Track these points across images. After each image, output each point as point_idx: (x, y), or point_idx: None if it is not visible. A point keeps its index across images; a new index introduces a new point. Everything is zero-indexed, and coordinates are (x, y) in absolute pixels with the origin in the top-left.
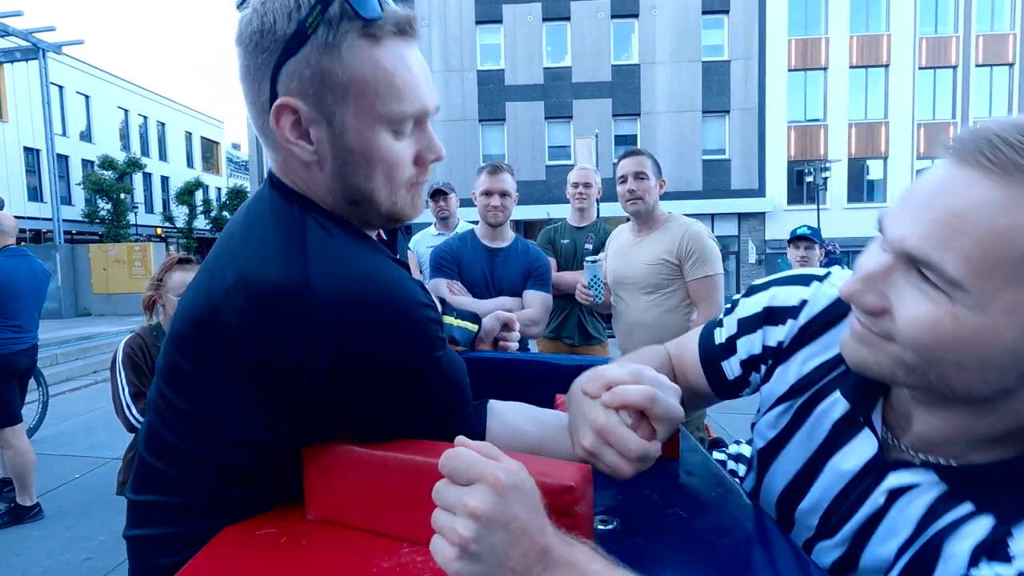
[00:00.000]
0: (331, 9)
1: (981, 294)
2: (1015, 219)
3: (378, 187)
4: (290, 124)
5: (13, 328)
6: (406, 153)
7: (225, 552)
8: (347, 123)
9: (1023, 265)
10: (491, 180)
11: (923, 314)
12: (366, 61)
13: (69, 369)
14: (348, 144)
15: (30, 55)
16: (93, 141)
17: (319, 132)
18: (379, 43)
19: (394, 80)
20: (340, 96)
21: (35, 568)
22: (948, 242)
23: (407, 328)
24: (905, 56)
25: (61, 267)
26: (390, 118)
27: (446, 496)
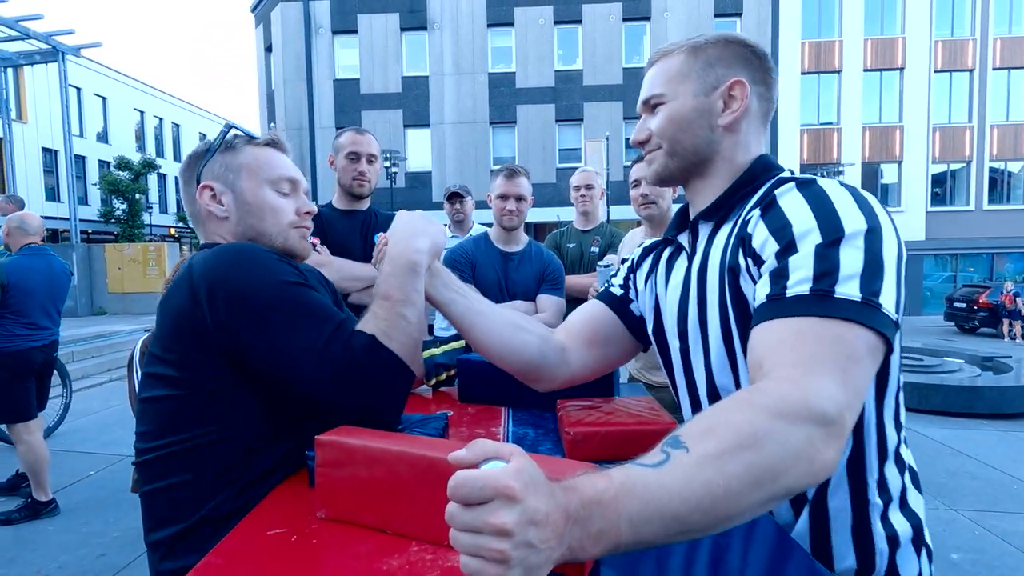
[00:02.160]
0: (227, 134)
1: (671, 93)
2: (669, 66)
3: (268, 226)
4: (209, 196)
5: (27, 325)
6: (288, 205)
7: (237, 551)
8: (244, 187)
9: (675, 78)
10: (508, 184)
11: (659, 118)
12: (250, 153)
13: (85, 367)
14: (246, 200)
15: (49, 58)
16: (109, 142)
17: (227, 198)
18: (258, 147)
19: (270, 161)
20: (237, 172)
21: (51, 563)
22: (653, 86)
23: (255, 262)
24: (921, 59)
25: (77, 266)
26: (271, 180)
27: (465, 519)
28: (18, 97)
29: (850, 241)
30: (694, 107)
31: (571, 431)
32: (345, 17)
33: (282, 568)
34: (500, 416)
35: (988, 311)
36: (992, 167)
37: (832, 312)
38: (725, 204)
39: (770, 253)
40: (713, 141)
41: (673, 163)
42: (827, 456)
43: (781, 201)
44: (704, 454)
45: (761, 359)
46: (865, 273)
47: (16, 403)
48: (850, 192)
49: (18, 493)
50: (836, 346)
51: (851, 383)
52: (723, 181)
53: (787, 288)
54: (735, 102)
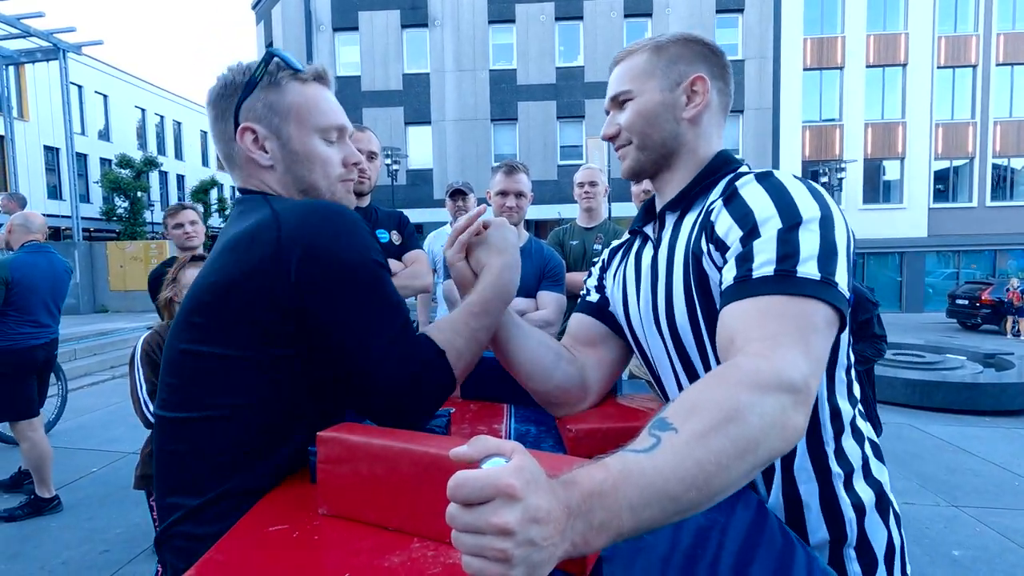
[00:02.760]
0: (270, 65)
1: (638, 90)
2: (634, 64)
3: (318, 179)
4: (251, 141)
5: (30, 323)
6: (335, 155)
7: (238, 548)
8: (291, 134)
9: (640, 75)
10: (507, 180)
11: (627, 114)
12: (298, 93)
13: (87, 364)
14: (294, 148)
15: (51, 55)
16: (111, 140)
17: (272, 144)
18: (305, 84)
19: (319, 104)
20: (284, 116)
21: (54, 559)
22: (620, 83)
23: (354, 233)
24: (923, 55)
25: (79, 264)
26: (320, 128)
27: (466, 520)
28: (19, 95)
29: (807, 226)
30: (660, 102)
31: (572, 428)
32: (346, 14)
33: (284, 564)
34: (502, 413)
35: (991, 308)
36: (995, 163)
37: (795, 290)
38: (689, 194)
39: (734, 239)
40: (679, 134)
41: (644, 156)
42: (797, 421)
43: (743, 191)
44: (692, 432)
45: (732, 336)
46: (821, 254)
47: (20, 401)
48: (803, 183)
49: (21, 490)
50: (799, 320)
51: (813, 353)
52: (687, 173)
53: (753, 270)
54: (697, 96)
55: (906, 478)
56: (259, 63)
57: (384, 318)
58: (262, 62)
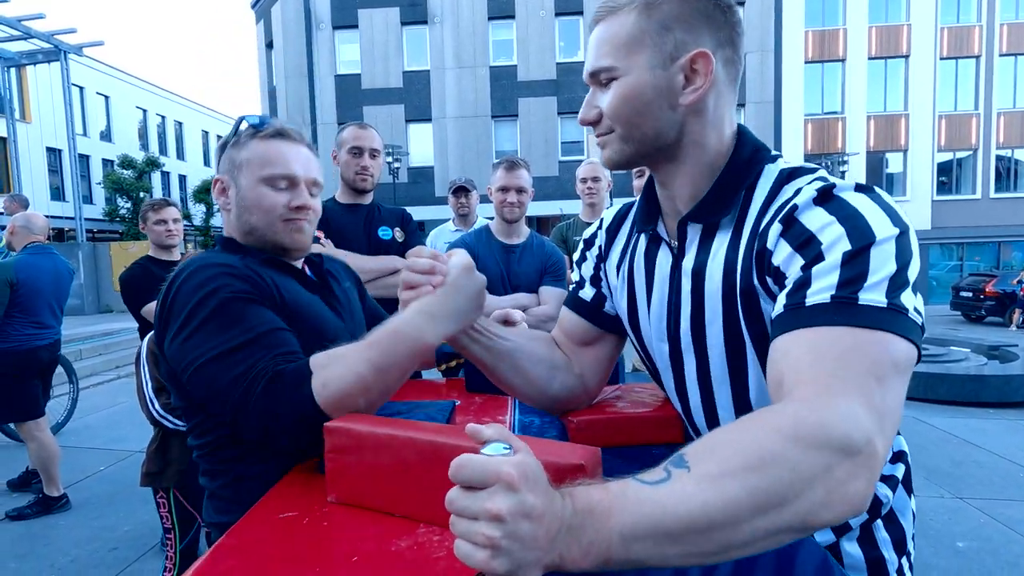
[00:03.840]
0: (239, 127)
1: (623, 66)
2: (617, 28)
3: (257, 221)
4: (219, 189)
5: (34, 324)
6: (279, 199)
7: (250, 534)
8: (243, 183)
9: (626, 45)
10: (508, 176)
11: (610, 96)
12: (253, 149)
13: (93, 364)
14: (243, 195)
15: (52, 57)
16: (113, 141)
17: (231, 191)
18: (263, 140)
19: (269, 157)
20: (239, 169)
21: (63, 557)
22: (600, 54)
23: (202, 273)
24: (926, 46)
25: (83, 265)
26: (265, 177)
27: (463, 504)
28: (21, 97)
29: (880, 246)
30: (651, 83)
31: (575, 419)
32: (345, 12)
33: (294, 549)
34: (506, 405)
35: (995, 300)
36: (999, 155)
37: (855, 320)
38: (716, 203)
39: (795, 267)
40: (677, 123)
41: (630, 148)
42: (852, 488)
43: (802, 218)
44: (704, 474)
45: (780, 376)
46: (893, 277)
47: (25, 402)
48: (871, 198)
49: (29, 489)
50: (861, 360)
51: (881, 402)
52: (699, 168)
53: (807, 296)
54: (698, 77)
55: None
56: (233, 128)
57: (223, 338)
58: (234, 126)
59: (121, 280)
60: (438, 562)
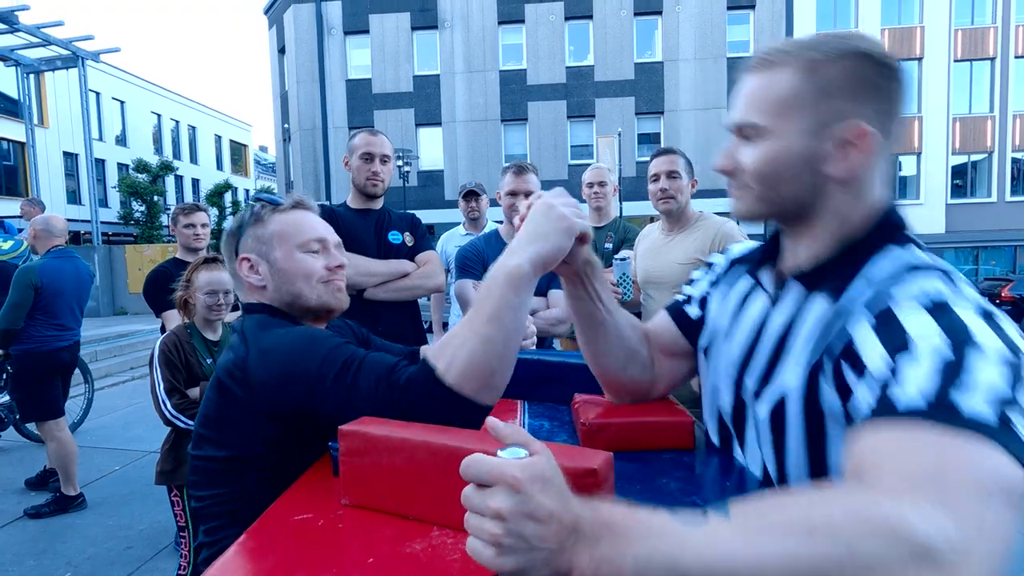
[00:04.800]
0: (255, 207)
1: (774, 127)
2: (772, 85)
3: (301, 287)
4: (247, 268)
5: (56, 326)
6: (317, 263)
7: (266, 535)
8: (277, 256)
9: (779, 105)
10: (517, 181)
11: (753, 155)
12: (279, 222)
13: (108, 366)
14: (280, 267)
15: (70, 63)
16: (128, 145)
17: (263, 267)
18: (285, 212)
19: (298, 226)
20: (269, 243)
21: (80, 555)
22: (749, 108)
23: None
24: (940, 48)
25: (99, 267)
26: (299, 244)
27: (472, 500)
28: (40, 102)
29: (982, 353)
30: (800, 152)
31: (587, 422)
32: (357, 17)
33: (310, 550)
34: (516, 408)
35: (1011, 304)
36: (1015, 158)
37: (957, 425)
38: (832, 273)
39: (878, 359)
40: (820, 190)
41: (764, 208)
42: None
43: (901, 314)
44: (742, 527)
45: (861, 468)
46: (1003, 395)
47: (46, 402)
48: (989, 324)
49: (47, 488)
50: (960, 472)
51: (977, 524)
52: (831, 235)
53: (899, 397)
54: (852, 151)
55: None
56: (247, 208)
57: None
58: (249, 207)
59: (148, 278)
60: (452, 564)
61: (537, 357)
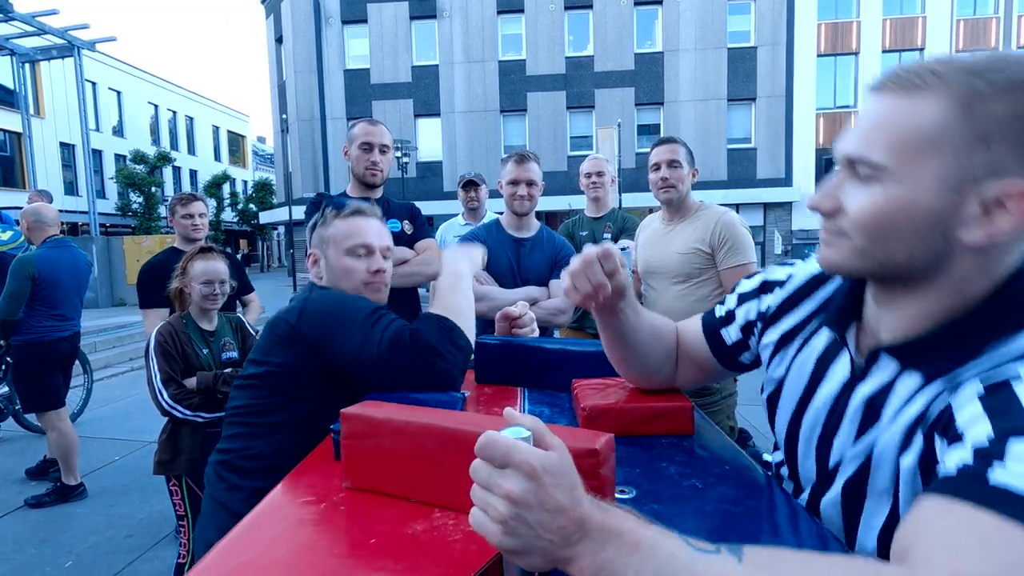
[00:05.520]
0: (326, 210)
1: (900, 171)
2: (910, 115)
3: (346, 286)
4: (312, 262)
5: (56, 316)
6: (360, 266)
7: (269, 518)
8: (330, 255)
9: (915, 144)
10: (518, 169)
11: (863, 200)
12: (336, 226)
13: (107, 356)
14: (332, 265)
15: (65, 53)
16: (125, 136)
17: (322, 263)
18: (344, 218)
19: (350, 232)
20: (326, 244)
21: (81, 544)
22: (870, 140)
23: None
24: (941, 39)
25: (97, 259)
26: (347, 249)
27: (482, 474)
28: (35, 92)
29: None
30: (931, 208)
31: (586, 406)
32: (354, 6)
33: (312, 533)
34: (516, 396)
35: None
36: None
37: None
38: (936, 349)
39: (982, 433)
40: (944, 256)
41: (862, 265)
42: None
43: (1019, 388)
44: (751, 571)
45: (913, 541)
46: None
47: (47, 392)
48: None
49: (47, 477)
50: None
51: None
52: (939, 308)
53: (992, 469)
54: (1003, 217)
55: None
56: (320, 211)
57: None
58: (321, 210)
59: (143, 268)
60: (454, 545)
61: (537, 344)
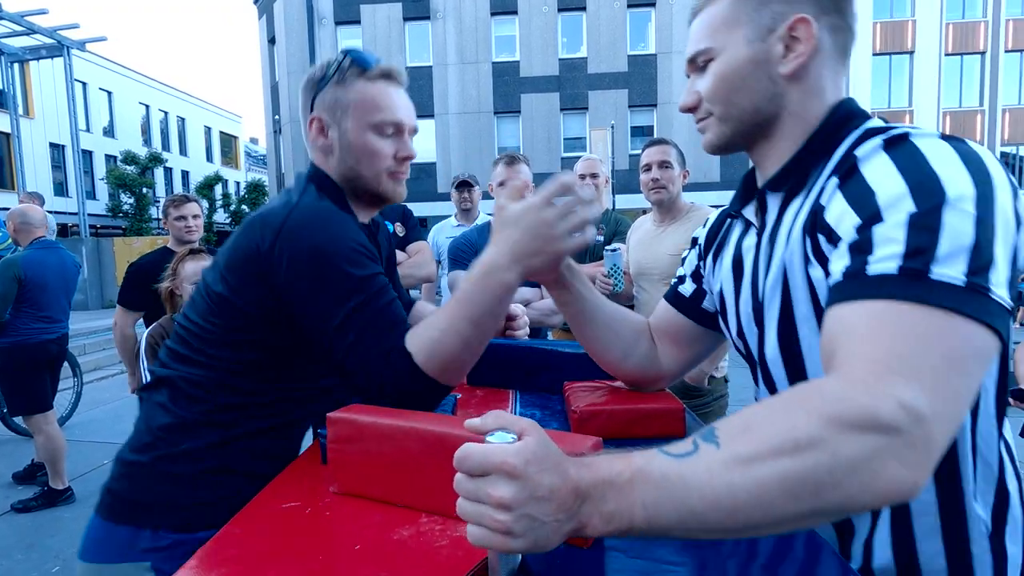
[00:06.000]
0: (343, 63)
1: (719, 45)
2: (714, 13)
3: (363, 169)
4: (317, 128)
5: (43, 318)
6: (387, 149)
7: (253, 523)
8: (348, 127)
9: (722, 25)
10: (508, 171)
11: (708, 78)
12: (360, 90)
13: (97, 359)
14: (348, 140)
15: (55, 52)
16: (116, 136)
17: (333, 132)
18: (370, 81)
19: (377, 101)
20: (344, 110)
21: (69, 549)
22: (698, 40)
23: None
24: (931, 42)
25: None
26: (373, 123)
27: (469, 488)
28: (24, 92)
29: (954, 207)
30: (748, 57)
31: (577, 409)
32: (348, 7)
33: (297, 538)
34: (507, 398)
35: None
36: (1003, 151)
37: (926, 298)
38: (795, 169)
39: (849, 226)
40: (776, 95)
41: (729, 129)
42: (900, 474)
43: (864, 167)
44: (733, 455)
45: (833, 349)
46: (972, 250)
47: (34, 395)
48: (953, 147)
49: (34, 482)
50: (928, 342)
51: (944, 390)
52: (793, 141)
53: (869, 263)
54: (799, 44)
55: None
56: (334, 61)
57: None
58: (336, 60)
59: (133, 268)
60: (440, 551)
61: (528, 346)
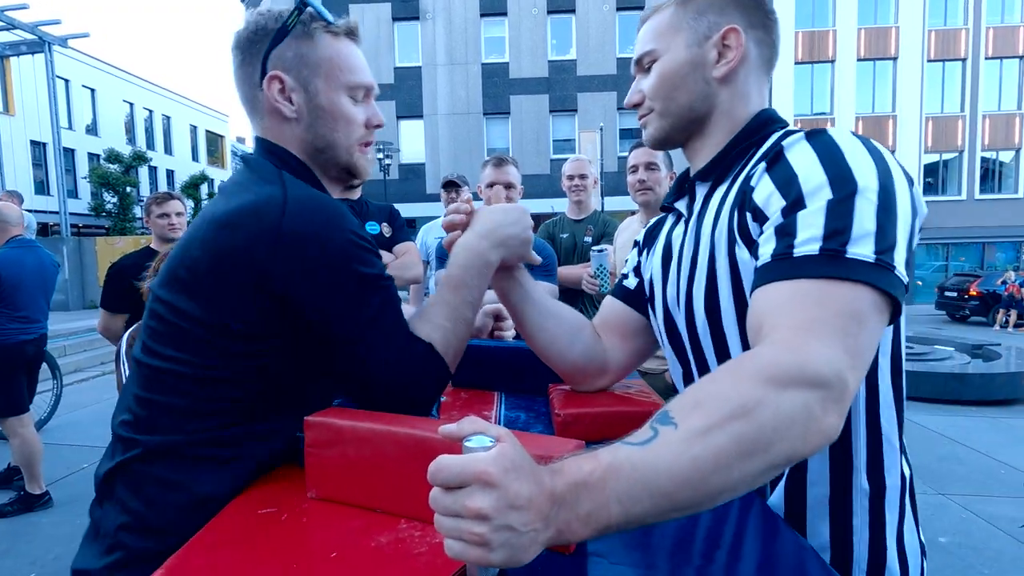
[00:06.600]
0: (304, 14)
1: (662, 48)
2: (659, 20)
3: (339, 137)
4: (278, 90)
5: (20, 319)
6: (359, 115)
7: (228, 530)
8: (319, 88)
9: (666, 31)
10: (496, 172)
11: (651, 78)
12: (329, 46)
13: (77, 360)
14: (319, 103)
15: (36, 48)
16: (99, 134)
17: (299, 96)
18: (336, 37)
19: (350, 61)
20: (313, 69)
21: (46, 555)
22: (644, 43)
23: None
24: (914, 49)
25: (68, 260)
26: (349, 85)
27: (445, 503)
28: (4, 89)
29: (863, 195)
30: (686, 60)
31: (561, 412)
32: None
33: (273, 545)
34: (492, 400)
35: (979, 300)
36: (984, 157)
37: (843, 273)
38: (722, 161)
39: (776, 209)
40: (709, 95)
41: (668, 124)
42: (827, 422)
43: (789, 154)
44: (691, 429)
45: (761, 322)
46: (879, 232)
47: (10, 397)
48: (862, 143)
49: (11, 486)
50: (842, 308)
51: (854, 345)
52: (722, 138)
53: (794, 247)
54: (729, 51)
55: None
56: (292, 11)
57: (350, 306)
58: (295, 10)
59: (115, 268)
60: (419, 557)
61: (513, 348)
